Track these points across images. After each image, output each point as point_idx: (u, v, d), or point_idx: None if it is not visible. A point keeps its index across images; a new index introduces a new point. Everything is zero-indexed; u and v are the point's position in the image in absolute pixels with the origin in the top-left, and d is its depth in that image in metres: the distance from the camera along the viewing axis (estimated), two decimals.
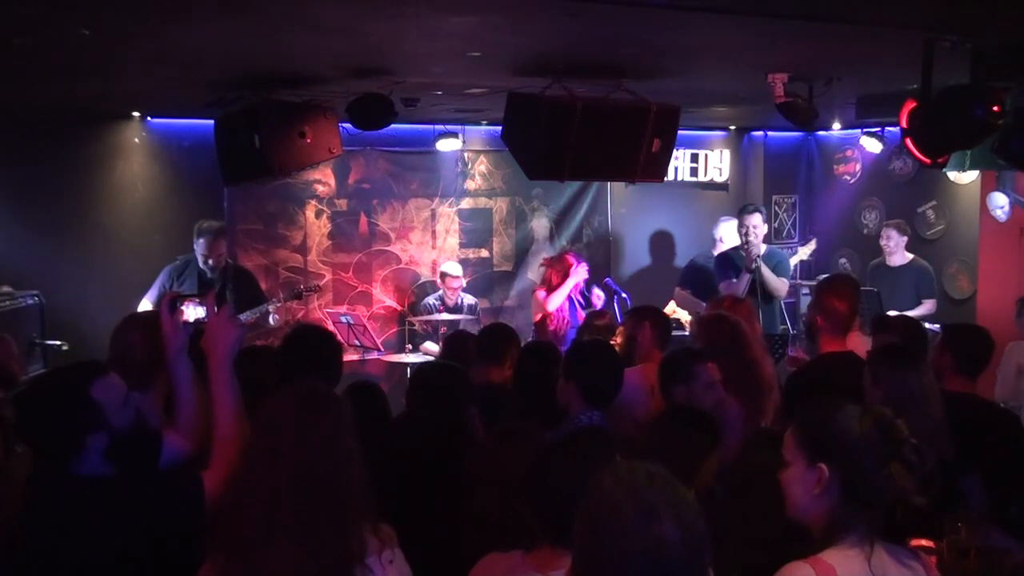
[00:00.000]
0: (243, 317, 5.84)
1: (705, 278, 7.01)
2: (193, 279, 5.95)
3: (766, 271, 6.26)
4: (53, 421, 2.23)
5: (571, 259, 6.62)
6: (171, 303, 2.60)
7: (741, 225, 6.45)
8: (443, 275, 7.17)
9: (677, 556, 1.47)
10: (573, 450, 2.15)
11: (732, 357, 3.72)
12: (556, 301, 6.45)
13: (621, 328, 4.68)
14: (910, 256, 7.04)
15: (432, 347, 7.01)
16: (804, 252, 7.61)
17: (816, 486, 2.00)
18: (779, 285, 6.41)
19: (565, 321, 6.47)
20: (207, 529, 2.14)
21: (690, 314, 7.45)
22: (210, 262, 5.97)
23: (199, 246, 5.97)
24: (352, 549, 1.98)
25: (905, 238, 7.02)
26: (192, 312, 2.63)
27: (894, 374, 3.15)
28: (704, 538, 1.51)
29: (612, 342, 4.45)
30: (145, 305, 5.86)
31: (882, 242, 7.07)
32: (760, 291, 6.21)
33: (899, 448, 1.97)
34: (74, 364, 2.39)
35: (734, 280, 6.33)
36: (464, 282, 7.32)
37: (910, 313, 6.54)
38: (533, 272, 8.14)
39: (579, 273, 6.51)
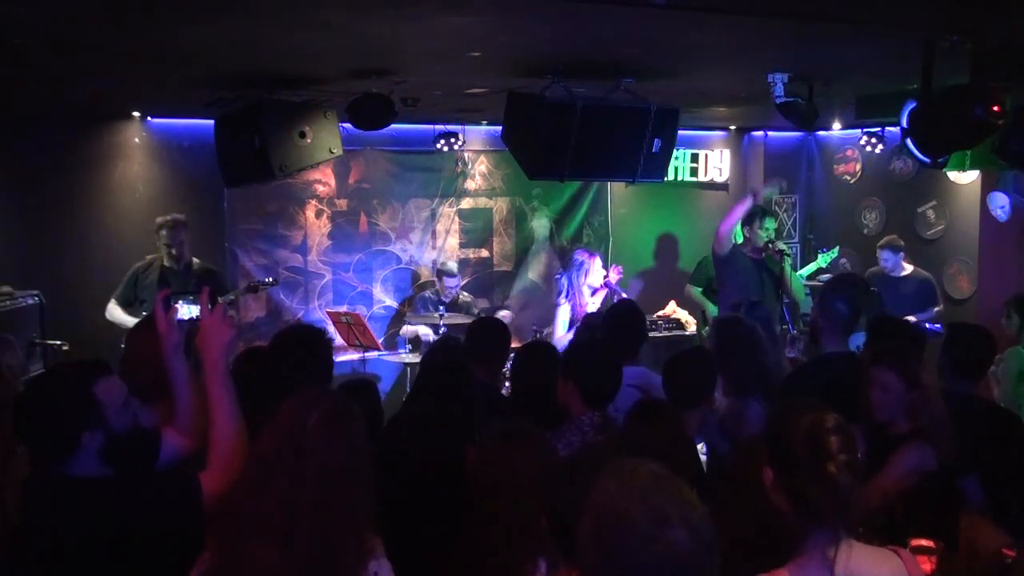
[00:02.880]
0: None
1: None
2: (154, 278, 5.95)
3: (793, 275, 6.22)
4: (53, 413, 2.23)
5: (579, 256, 6.59)
6: (165, 301, 2.59)
7: (762, 227, 6.35)
8: (440, 273, 7.18)
9: (689, 560, 1.45)
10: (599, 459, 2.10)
11: (747, 358, 3.73)
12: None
13: None
14: (910, 267, 7.04)
15: (411, 330, 7.05)
16: (824, 260, 7.58)
17: (770, 487, 2.03)
18: (800, 291, 6.39)
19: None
20: (205, 529, 2.13)
21: (691, 315, 7.46)
22: (173, 252, 5.97)
23: (160, 237, 5.97)
24: (361, 554, 1.98)
25: (901, 253, 7.02)
26: (186, 310, 2.62)
27: (885, 376, 3.15)
28: (712, 538, 1.49)
29: None
30: (112, 305, 5.92)
31: (880, 264, 7.06)
32: (780, 290, 6.19)
33: (822, 466, 1.95)
34: (80, 361, 2.40)
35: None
36: (460, 282, 7.29)
37: (913, 318, 6.56)
38: (533, 272, 8.15)
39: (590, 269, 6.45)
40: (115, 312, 5.93)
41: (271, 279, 6.75)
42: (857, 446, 2.04)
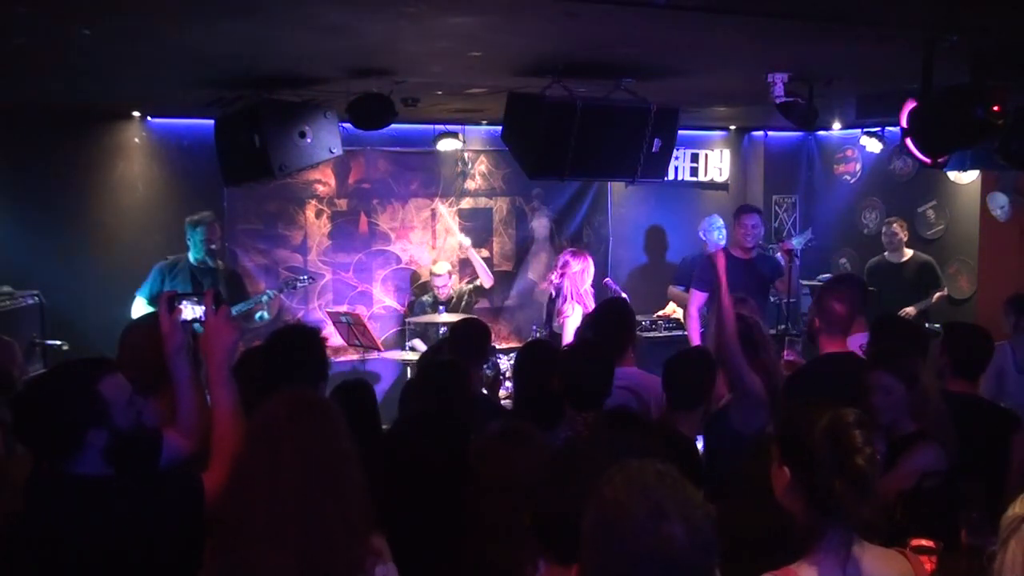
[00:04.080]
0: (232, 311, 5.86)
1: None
2: (185, 276, 5.96)
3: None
4: (58, 411, 2.22)
5: (575, 262, 6.53)
6: (169, 302, 2.60)
7: (758, 225, 6.34)
8: (430, 274, 7.23)
9: (685, 557, 1.46)
10: (579, 462, 2.09)
11: (747, 353, 3.73)
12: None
13: None
14: (910, 252, 7.08)
15: (421, 345, 7.05)
16: (798, 242, 7.61)
17: (784, 487, 2.02)
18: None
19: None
20: (206, 531, 2.13)
21: (681, 306, 7.50)
22: (213, 247, 6.02)
23: (198, 233, 5.97)
24: (355, 554, 1.97)
25: (907, 234, 7.07)
26: (190, 311, 2.62)
27: (884, 380, 3.14)
28: (712, 539, 1.50)
29: None
30: (139, 303, 5.88)
31: (885, 239, 7.09)
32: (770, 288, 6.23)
33: (846, 462, 1.94)
34: (86, 359, 2.39)
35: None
36: (450, 281, 7.24)
37: (915, 307, 6.58)
38: (533, 272, 8.14)
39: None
40: (142, 310, 5.89)
41: (307, 276, 6.82)
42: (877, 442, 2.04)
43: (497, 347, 6.62)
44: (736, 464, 2.76)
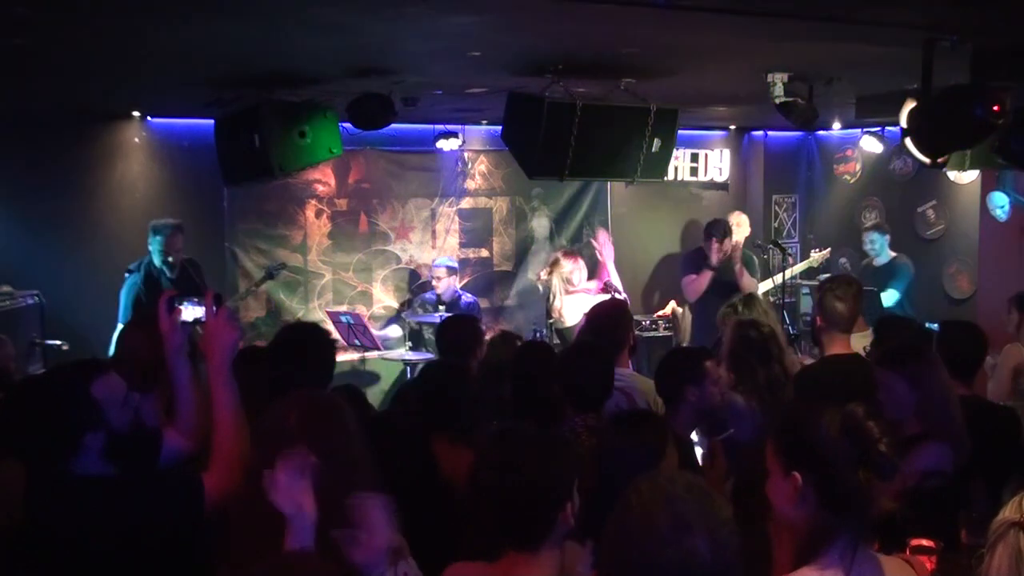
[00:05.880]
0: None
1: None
2: (164, 284, 5.93)
3: (739, 269, 6.75)
4: (52, 418, 2.23)
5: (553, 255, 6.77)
6: (169, 302, 2.60)
7: (715, 248, 6.77)
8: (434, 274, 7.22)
9: (707, 570, 1.45)
10: (533, 450, 2.08)
11: (758, 364, 3.71)
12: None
13: None
14: (893, 254, 7.06)
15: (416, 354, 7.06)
16: (816, 258, 7.63)
17: (793, 495, 1.93)
18: (749, 283, 6.72)
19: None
20: (208, 531, 2.13)
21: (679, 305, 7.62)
22: (170, 259, 5.99)
23: (156, 243, 5.99)
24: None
25: (887, 236, 7.05)
26: (190, 312, 2.63)
27: (885, 378, 3.12)
28: (736, 554, 1.48)
29: None
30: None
31: (865, 247, 7.11)
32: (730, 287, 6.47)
33: (868, 451, 1.89)
34: (75, 362, 2.40)
35: (694, 275, 6.86)
36: (449, 279, 7.17)
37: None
38: (533, 272, 8.14)
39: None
40: None
41: (281, 263, 6.89)
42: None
43: None
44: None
